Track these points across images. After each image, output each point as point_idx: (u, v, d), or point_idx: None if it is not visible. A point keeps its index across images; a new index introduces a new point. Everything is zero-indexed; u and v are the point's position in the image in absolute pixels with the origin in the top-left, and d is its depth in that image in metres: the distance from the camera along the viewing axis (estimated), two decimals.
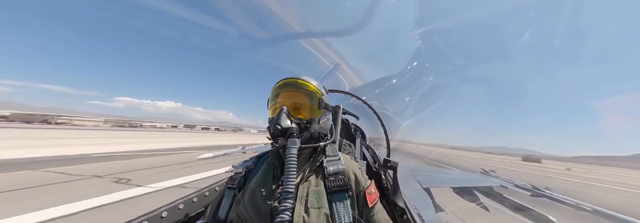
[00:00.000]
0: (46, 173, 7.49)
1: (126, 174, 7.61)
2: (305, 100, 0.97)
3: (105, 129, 71.51)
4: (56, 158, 10.73)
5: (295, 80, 0.98)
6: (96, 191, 5.51)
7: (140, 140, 27.88)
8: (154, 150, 16.73)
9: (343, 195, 0.81)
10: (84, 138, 25.71)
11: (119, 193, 5.36)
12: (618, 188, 18.68)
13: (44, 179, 6.63)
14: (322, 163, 0.93)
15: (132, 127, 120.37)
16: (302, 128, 0.92)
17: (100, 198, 4.97)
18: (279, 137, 0.87)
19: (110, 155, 12.37)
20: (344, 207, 0.79)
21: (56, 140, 21.83)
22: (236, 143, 24.44)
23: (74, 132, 39.65)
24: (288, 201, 0.70)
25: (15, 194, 5.32)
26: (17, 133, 28.49)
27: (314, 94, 0.98)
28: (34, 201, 4.83)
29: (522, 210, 4.27)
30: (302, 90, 0.97)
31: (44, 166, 8.53)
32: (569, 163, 62.20)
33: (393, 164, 1.68)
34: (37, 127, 57.20)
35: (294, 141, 0.82)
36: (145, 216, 1.03)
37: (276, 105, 0.97)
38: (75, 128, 64.96)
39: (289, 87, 0.98)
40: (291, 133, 0.85)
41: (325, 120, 1.02)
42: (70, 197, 5.03)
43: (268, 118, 0.99)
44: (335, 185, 0.83)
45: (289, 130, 0.85)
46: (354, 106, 3.52)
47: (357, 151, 2.33)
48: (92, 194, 5.21)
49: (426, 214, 2.27)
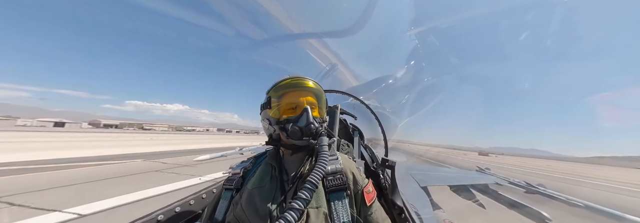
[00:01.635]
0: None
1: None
2: (315, 100, 0.98)
3: (181, 133, 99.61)
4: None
5: (302, 80, 0.97)
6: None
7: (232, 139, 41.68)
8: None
9: (341, 194, 0.81)
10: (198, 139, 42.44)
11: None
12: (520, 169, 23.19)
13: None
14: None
15: (188, 132, 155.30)
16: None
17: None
18: (305, 137, 0.88)
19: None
20: (343, 206, 0.79)
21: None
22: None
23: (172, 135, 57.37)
24: (302, 199, 0.68)
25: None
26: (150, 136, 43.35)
27: (321, 93, 1.00)
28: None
29: (516, 206, 4.35)
30: (313, 90, 0.97)
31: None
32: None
33: (391, 163, 1.70)
34: (141, 132, 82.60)
35: (324, 139, 0.85)
36: (141, 219, 1.03)
37: (287, 105, 0.95)
38: (160, 132, 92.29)
39: (298, 87, 0.96)
40: (321, 132, 0.88)
41: (329, 120, 1.09)
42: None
43: (268, 118, 0.96)
44: (333, 184, 0.83)
45: (318, 130, 0.89)
46: (351, 106, 3.52)
47: (355, 151, 2.35)
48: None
49: (424, 212, 2.30)
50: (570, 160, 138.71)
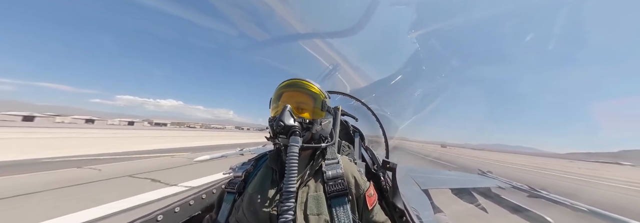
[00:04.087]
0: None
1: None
2: (309, 100, 0.97)
3: (210, 130, 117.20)
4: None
5: (300, 81, 0.98)
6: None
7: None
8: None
9: (343, 200, 0.80)
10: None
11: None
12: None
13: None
14: (321, 167, 0.92)
15: (218, 129, 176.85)
16: (304, 128, 0.91)
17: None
18: (281, 135, 0.86)
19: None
20: (344, 212, 0.77)
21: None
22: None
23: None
24: (290, 201, 0.70)
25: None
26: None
27: (317, 95, 0.98)
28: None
29: (519, 211, 4.29)
30: (306, 91, 0.97)
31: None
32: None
33: (392, 165, 1.68)
34: (188, 130, 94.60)
35: (296, 139, 0.81)
36: (140, 219, 1.01)
37: (280, 104, 0.97)
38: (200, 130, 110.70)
39: (293, 87, 0.98)
40: (294, 132, 0.84)
41: (326, 122, 1.01)
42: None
43: (268, 117, 0.99)
44: (334, 189, 0.81)
45: (291, 128, 0.85)
46: (352, 107, 3.52)
47: (356, 152, 2.34)
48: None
49: (425, 215, 2.26)
50: (547, 155, 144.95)
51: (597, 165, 55.46)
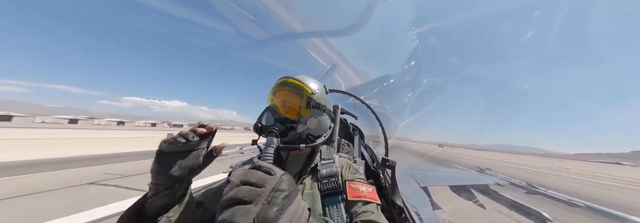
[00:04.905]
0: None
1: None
2: (295, 98, 0.95)
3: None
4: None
5: (287, 79, 0.97)
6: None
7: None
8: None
9: (336, 199, 0.80)
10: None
11: None
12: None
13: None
14: (316, 166, 0.93)
15: (228, 130, 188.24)
16: (287, 127, 0.88)
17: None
18: (261, 135, 0.86)
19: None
20: (337, 210, 0.77)
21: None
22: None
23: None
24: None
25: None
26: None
27: (303, 92, 0.95)
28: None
29: (517, 207, 4.34)
30: (292, 89, 0.96)
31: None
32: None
33: (391, 163, 1.70)
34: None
35: (272, 140, 0.80)
36: None
37: (268, 104, 0.97)
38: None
39: (281, 85, 0.97)
40: (270, 132, 0.82)
41: (313, 120, 0.95)
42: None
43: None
44: (327, 188, 0.82)
45: (268, 129, 0.83)
46: (352, 106, 3.52)
47: (355, 151, 2.34)
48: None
49: (424, 212, 2.29)
50: (554, 156, 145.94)
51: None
